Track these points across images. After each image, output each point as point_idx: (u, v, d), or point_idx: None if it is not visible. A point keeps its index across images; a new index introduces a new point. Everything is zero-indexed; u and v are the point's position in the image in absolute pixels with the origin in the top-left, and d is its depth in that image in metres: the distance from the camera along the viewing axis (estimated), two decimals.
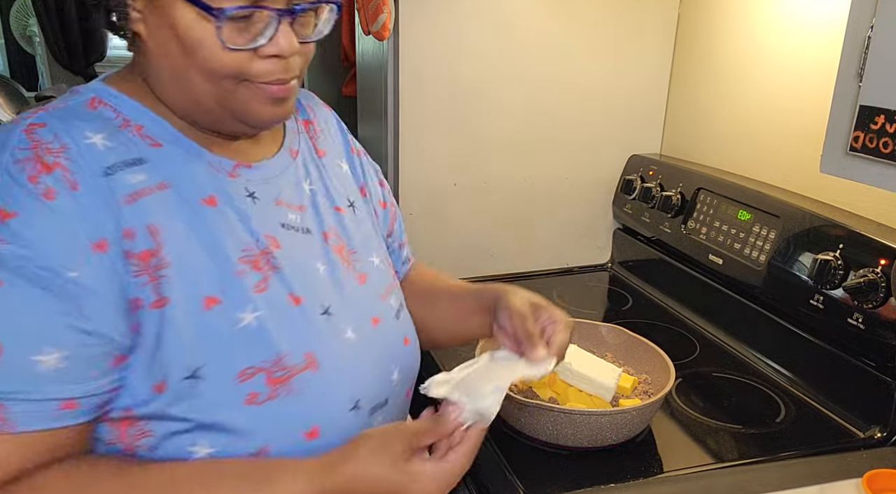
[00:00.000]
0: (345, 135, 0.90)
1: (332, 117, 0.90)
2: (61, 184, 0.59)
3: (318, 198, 0.77)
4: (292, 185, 0.75)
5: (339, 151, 0.86)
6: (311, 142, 0.82)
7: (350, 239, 0.79)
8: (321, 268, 0.73)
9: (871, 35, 0.71)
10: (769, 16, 1.26)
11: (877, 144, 0.72)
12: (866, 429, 0.98)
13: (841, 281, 0.99)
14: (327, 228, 0.76)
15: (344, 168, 0.85)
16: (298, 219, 0.73)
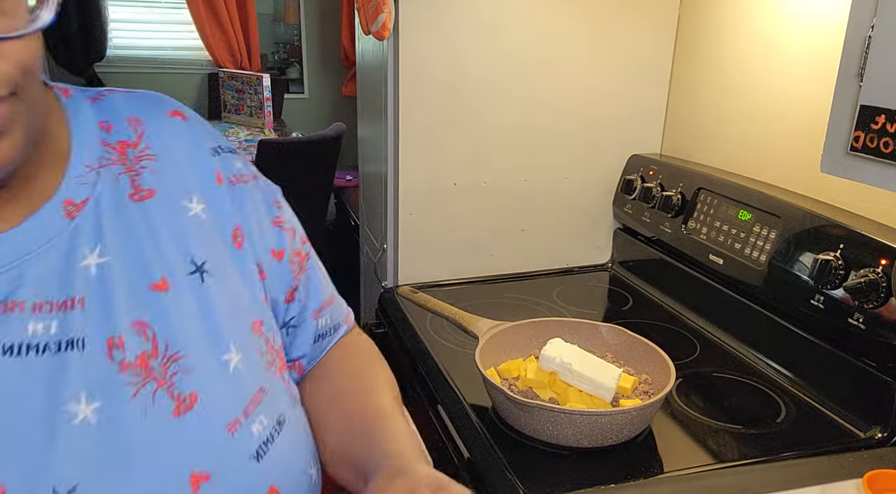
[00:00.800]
0: (206, 157, 0.59)
1: (186, 130, 0.59)
2: None
3: (115, 278, 0.49)
4: (55, 267, 0.48)
5: (191, 184, 0.56)
6: (126, 177, 0.54)
7: (172, 334, 0.50)
8: (80, 415, 0.46)
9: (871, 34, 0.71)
10: (769, 15, 1.26)
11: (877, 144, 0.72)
12: (867, 429, 0.98)
13: (841, 281, 0.99)
14: (121, 328, 0.48)
15: (194, 210, 0.55)
16: (54, 326, 0.46)
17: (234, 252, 0.57)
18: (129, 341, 0.48)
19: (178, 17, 3.84)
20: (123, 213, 0.52)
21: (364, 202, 1.83)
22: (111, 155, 0.54)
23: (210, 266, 0.54)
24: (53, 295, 0.47)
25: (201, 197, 0.57)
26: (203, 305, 0.52)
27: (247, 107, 3.49)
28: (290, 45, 4.27)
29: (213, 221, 0.57)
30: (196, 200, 0.56)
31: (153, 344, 0.49)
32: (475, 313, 1.12)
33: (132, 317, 0.49)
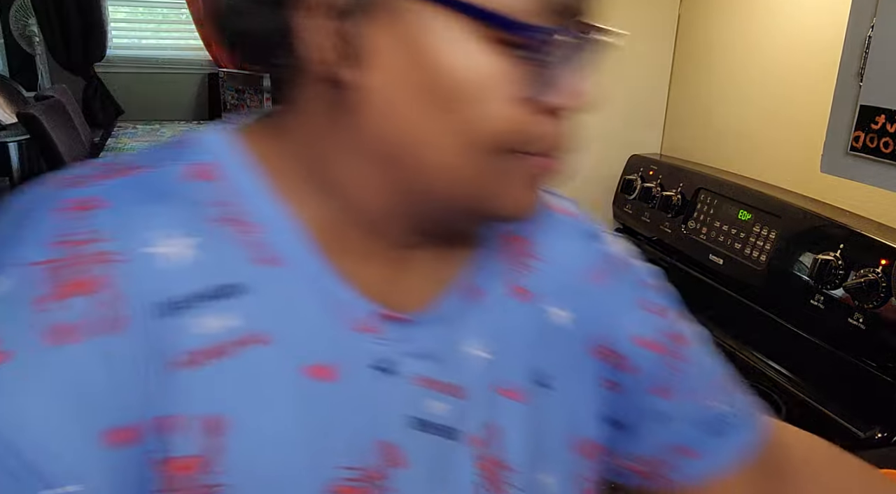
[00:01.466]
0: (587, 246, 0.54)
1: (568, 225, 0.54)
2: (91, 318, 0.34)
3: (488, 374, 0.46)
4: (452, 349, 0.45)
5: (567, 287, 0.51)
6: (512, 273, 0.50)
7: (511, 446, 0.46)
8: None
9: (871, 35, 0.71)
10: (770, 15, 1.26)
11: (877, 144, 0.72)
12: (867, 429, 0.97)
13: (841, 281, 0.99)
14: (481, 428, 0.45)
15: (563, 318, 0.50)
16: (447, 411, 0.44)
17: (588, 361, 0.51)
18: (479, 443, 0.45)
19: (178, 16, 3.85)
20: (506, 309, 0.48)
21: None
22: (504, 245, 0.50)
23: (558, 380, 0.50)
24: (447, 377, 0.44)
25: (576, 304, 0.51)
26: (539, 421, 0.48)
27: (247, 107, 3.49)
28: None
29: (582, 330, 0.51)
30: (565, 309, 0.51)
31: (493, 450, 0.46)
32: None
33: (487, 417, 0.45)
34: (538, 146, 0.40)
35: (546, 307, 0.50)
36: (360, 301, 0.41)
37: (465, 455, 0.44)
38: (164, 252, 0.36)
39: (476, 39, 0.35)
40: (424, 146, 0.38)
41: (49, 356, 0.33)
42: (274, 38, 0.37)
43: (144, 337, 0.34)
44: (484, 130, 0.37)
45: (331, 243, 0.41)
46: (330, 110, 0.39)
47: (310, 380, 0.39)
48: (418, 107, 0.37)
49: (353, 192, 0.41)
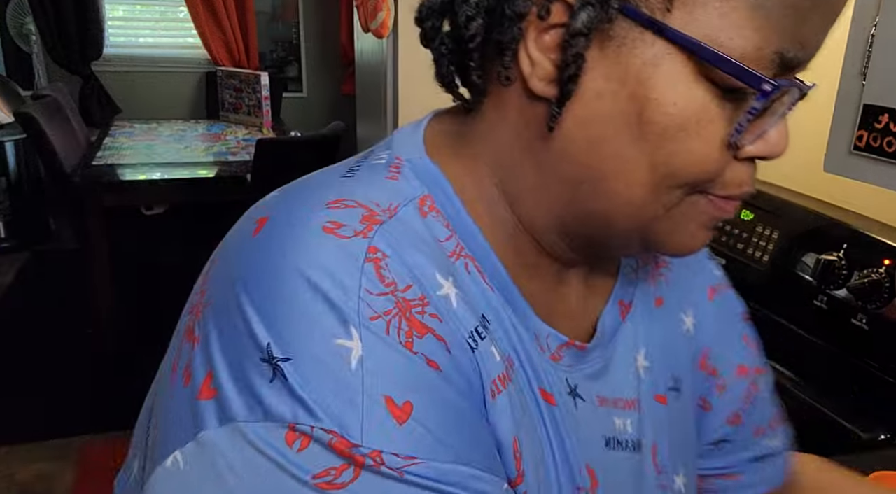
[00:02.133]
0: (703, 268, 0.57)
1: None
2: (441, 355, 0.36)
3: (651, 382, 0.49)
4: (619, 365, 0.47)
5: (689, 295, 0.54)
6: (649, 282, 0.52)
7: (663, 448, 0.49)
8: None
9: (874, 34, 0.70)
10: None
11: (881, 143, 0.71)
12: (870, 431, 0.97)
13: (845, 281, 0.98)
14: (656, 436, 0.48)
15: (687, 324, 0.53)
16: (628, 425, 0.46)
17: (693, 374, 0.54)
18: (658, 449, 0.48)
19: (176, 14, 3.84)
20: (651, 318, 0.51)
21: None
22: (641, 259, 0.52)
23: (684, 384, 0.52)
24: (623, 392, 0.47)
25: (691, 312, 0.54)
26: (675, 423, 0.51)
27: (245, 105, 3.49)
28: (288, 44, 4.26)
29: (691, 340, 0.54)
30: (689, 314, 0.54)
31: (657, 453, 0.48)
32: None
33: (654, 424, 0.48)
34: (725, 190, 0.40)
35: (677, 312, 0.53)
36: (549, 329, 0.43)
37: (648, 464, 0.47)
38: (446, 293, 0.38)
39: (700, 80, 0.36)
40: (619, 175, 0.38)
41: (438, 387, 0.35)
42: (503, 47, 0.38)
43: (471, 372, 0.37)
44: (682, 169, 0.37)
45: (513, 267, 0.42)
46: (525, 127, 0.40)
47: (545, 403, 0.41)
48: (622, 135, 0.37)
49: (533, 210, 0.42)
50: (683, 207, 0.39)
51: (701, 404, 0.55)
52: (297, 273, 0.34)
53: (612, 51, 0.36)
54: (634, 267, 0.51)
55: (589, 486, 0.42)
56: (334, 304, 0.34)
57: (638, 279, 0.51)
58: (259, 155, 2.40)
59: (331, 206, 0.37)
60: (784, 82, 0.36)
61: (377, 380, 0.33)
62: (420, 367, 0.34)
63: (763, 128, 0.39)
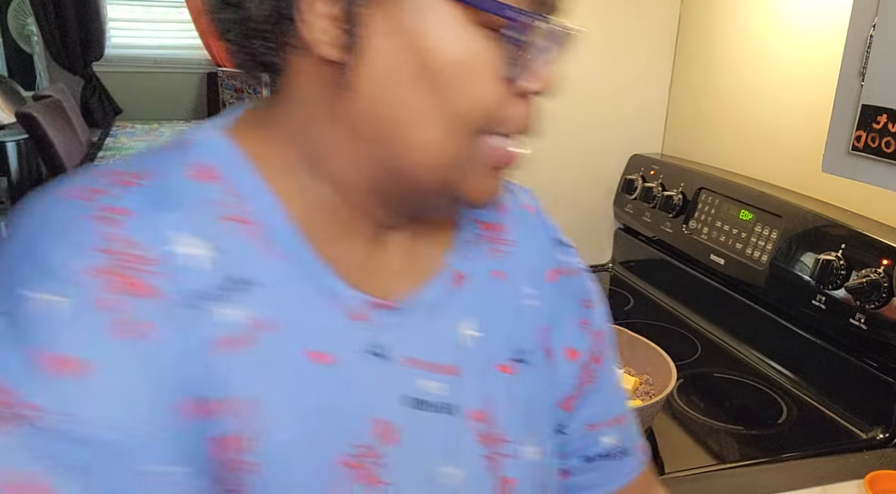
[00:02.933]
0: (547, 250, 0.59)
1: (535, 221, 0.60)
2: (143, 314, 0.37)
3: (481, 352, 0.50)
4: (443, 332, 0.49)
5: (532, 273, 0.56)
6: (489, 253, 0.54)
7: (504, 418, 0.50)
8: (450, 477, 0.47)
9: (873, 34, 0.71)
10: (771, 15, 1.25)
11: (879, 144, 0.71)
12: (869, 430, 0.97)
13: (843, 281, 0.99)
14: (478, 404, 0.49)
15: (530, 301, 0.55)
16: (440, 389, 0.47)
17: (542, 350, 0.56)
18: (476, 417, 0.49)
19: (177, 15, 3.84)
20: (489, 290, 0.52)
21: None
22: (483, 232, 0.55)
23: (531, 358, 0.54)
24: (440, 358, 0.48)
25: (536, 288, 0.56)
26: (521, 395, 0.52)
27: None
28: None
29: (537, 316, 0.55)
30: (534, 287, 0.56)
31: (491, 424, 0.49)
32: None
33: (486, 392, 0.49)
34: (508, 127, 0.43)
35: (521, 287, 0.55)
36: (351, 291, 0.45)
37: (466, 429, 0.48)
38: (187, 252, 0.39)
39: (465, 23, 0.39)
40: (412, 124, 0.41)
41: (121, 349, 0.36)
42: (273, 21, 0.40)
43: (189, 327, 0.38)
44: (467, 108, 0.40)
45: (317, 231, 0.44)
46: (322, 92, 0.42)
47: (313, 364, 0.42)
48: (409, 86, 0.40)
49: (340, 173, 0.44)
50: (474, 152, 0.43)
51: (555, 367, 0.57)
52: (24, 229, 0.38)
53: (387, 8, 0.39)
54: (475, 240, 0.54)
55: (375, 442, 0.44)
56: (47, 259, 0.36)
57: (477, 251, 0.53)
58: None
59: (89, 176, 0.40)
60: (535, 14, 0.40)
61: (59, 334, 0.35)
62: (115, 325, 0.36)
63: (533, 64, 0.42)
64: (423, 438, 0.46)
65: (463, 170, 0.43)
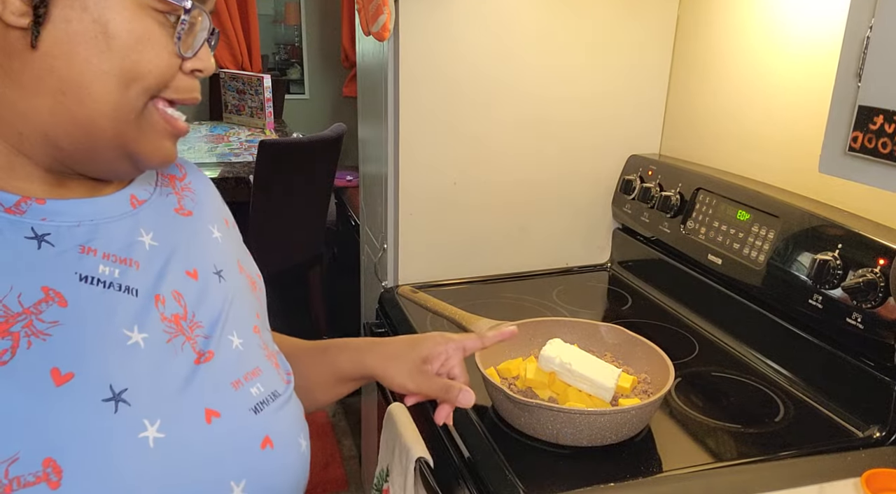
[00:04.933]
0: (221, 205, 0.77)
1: (208, 182, 0.77)
2: None
3: (162, 258, 0.62)
4: (121, 235, 0.59)
5: (213, 217, 0.72)
6: (173, 197, 0.68)
7: (197, 309, 0.62)
8: (132, 338, 0.56)
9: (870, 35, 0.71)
10: (767, 16, 1.26)
11: (875, 144, 0.72)
12: (865, 429, 0.98)
13: (840, 280, 0.99)
14: (164, 291, 0.60)
15: (216, 234, 0.70)
16: (118, 273, 0.57)
17: (238, 273, 0.71)
18: (167, 302, 0.60)
19: None
20: (169, 220, 0.65)
21: (364, 202, 1.83)
22: (164, 181, 0.69)
23: (226, 274, 0.68)
24: (119, 252, 0.58)
25: (220, 228, 0.72)
26: (218, 297, 0.65)
27: (247, 107, 3.50)
28: (290, 46, 4.27)
29: (226, 247, 0.71)
30: (216, 229, 0.71)
31: (184, 310, 0.61)
32: (475, 313, 1.12)
33: (171, 288, 0.61)
34: (177, 95, 0.56)
35: (206, 224, 0.70)
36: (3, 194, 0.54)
37: (142, 304, 0.58)
38: None
39: (141, 5, 0.52)
40: (94, 81, 0.51)
41: None
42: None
43: None
44: (144, 74, 0.52)
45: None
46: (9, 52, 0.50)
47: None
48: (94, 50, 0.51)
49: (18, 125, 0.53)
50: (147, 116, 0.55)
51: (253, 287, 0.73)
52: None
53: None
54: (151, 182, 0.66)
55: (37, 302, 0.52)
56: None
57: (155, 190, 0.66)
58: (261, 156, 2.41)
59: None
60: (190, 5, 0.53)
61: None
62: None
63: (196, 48, 0.56)
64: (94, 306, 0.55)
65: (139, 129, 0.55)
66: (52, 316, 0.52)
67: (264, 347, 0.69)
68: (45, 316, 0.52)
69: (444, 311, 1.14)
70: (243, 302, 0.69)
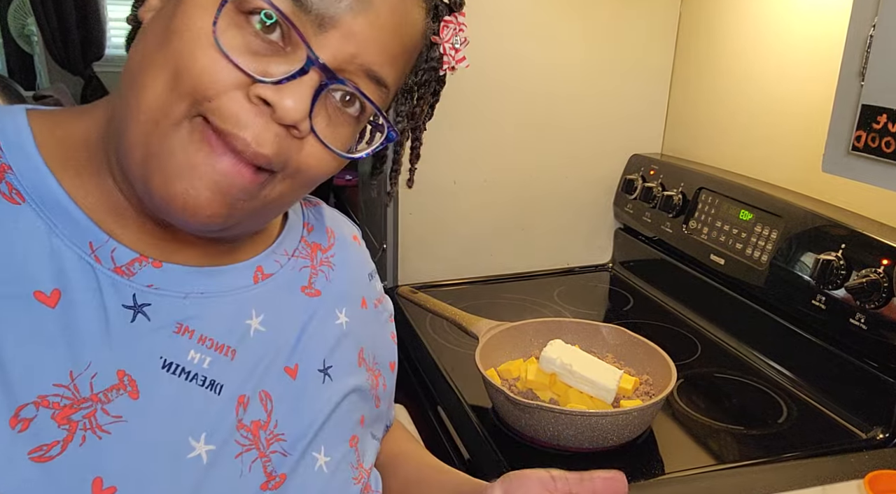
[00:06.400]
0: (364, 280, 0.66)
1: (355, 251, 0.66)
2: None
3: (264, 348, 0.53)
4: (228, 314, 0.51)
5: (344, 296, 0.62)
6: (307, 271, 0.59)
7: (284, 417, 0.53)
8: (196, 450, 0.47)
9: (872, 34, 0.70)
10: (770, 14, 1.25)
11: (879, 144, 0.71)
12: (868, 430, 0.97)
13: (843, 281, 0.99)
14: (251, 391, 0.51)
15: (340, 320, 0.60)
16: (208, 362, 0.49)
17: (356, 370, 0.61)
18: (252, 404, 0.51)
19: None
20: (290, 299, 0.57)
21: (364, 202, 1.83)
22: (304, 251, 0.60)
23: (334, 372, 0.58)
24: (218, 337, 0.50)
25: (349, 311, 0.62)
26: (315, 403, 0.56)
27: None
28: None
29: (351, 337, 0.61)
30: (345, 313, 0.61)
31: (268, 417, 0.52)
32: (475, 313, 1.11)
33: (262, 386, 0.52)
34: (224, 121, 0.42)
35: (332, 307, 0.60)
36: (119, 246, 0.47)
37: (222, 406, 0.49)
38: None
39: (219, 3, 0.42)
40: (143, 72, 0.43)
41: None
42: None
43: None
44: (187, 69, 0.42)
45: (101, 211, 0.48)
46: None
47: (35, 304, 0.44)
48: (156, 42, 0.43)
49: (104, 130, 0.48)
50: (184, 132, 0.43)
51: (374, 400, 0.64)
52: None
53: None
54: (289, 254, 0.58)
55: (108, 388, 0.45)
56: None
57: (288, 263, 0.58)
58: None
59: None
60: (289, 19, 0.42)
61: None
62: None
63: (266, 63, 0.43)
64: (168, 403, 0.47)
65: (166, 143, 0.43)
66: (118, 409, 0.45)
67: (357, 466, 0.59)
68: (112, 408, 0.44)
69: (444, 312, 1.13)
70: (349, 407, 0.59)
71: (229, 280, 0.52)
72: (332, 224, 0.66)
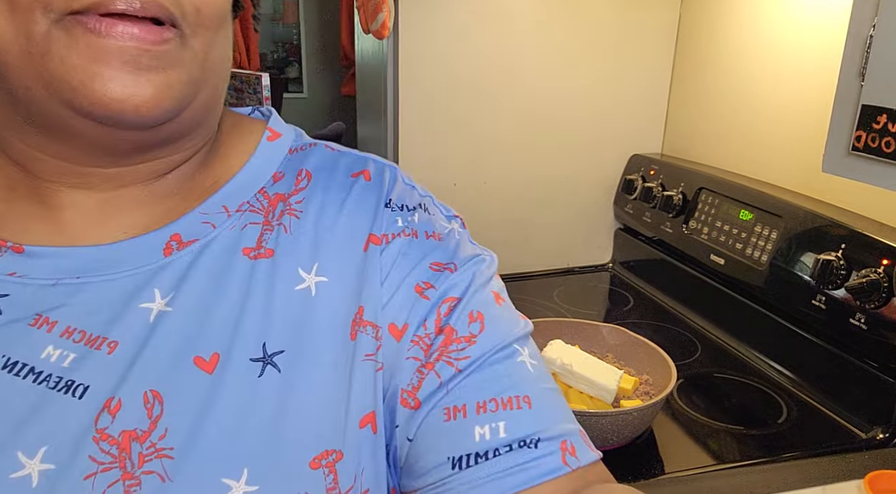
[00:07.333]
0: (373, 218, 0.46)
1: (363, 190, 0.47)
2: None
3: (166, 333, 0.40)
4: (110, 300, 0.40)
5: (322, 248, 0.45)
6: (254, 229, 0.44)
7: (181, 425, 0.38)
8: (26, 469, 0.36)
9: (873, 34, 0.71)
10: (770, 15, 1.25)
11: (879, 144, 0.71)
12: (868, 430, 0.97)
13: (843, 281, 0.99)
14: (129, 392, 0.38)
15: (305, 283, 0.43)
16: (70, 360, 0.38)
17: (346, 344, 0.43)
18: (127, 409, 0.38)
19: None
20: (222, 267, 0.42)
21: None
22: (260, 204, 0.45)
23: (288, 359, 0.41)
24: (92, 327, 0.39)
25: (331, 266, 0.44)
26: (240, 402, 0.40)
27: (246, 105, 3.49)
28: (289, 45, 4.26)
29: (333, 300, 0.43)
30: (319, 270, 0.44)
31: (151, 425, 0.38)
32: None
33: (152, 385, 0.39)
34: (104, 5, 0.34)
35: (293, 267, 0.44)
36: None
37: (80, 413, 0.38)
38: None
39: None
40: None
41: None
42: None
43: None
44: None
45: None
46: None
47: None
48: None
49: None
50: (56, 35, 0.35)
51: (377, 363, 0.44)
52: None
53: None
54: (231, 211, 0.45)
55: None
56: None
57: (226, 224, 0.44)
58: None
59: None
60: None
61: None
62: None
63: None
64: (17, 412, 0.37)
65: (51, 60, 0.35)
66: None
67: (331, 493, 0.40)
68: None
69: None
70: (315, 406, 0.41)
71: (125, 256, 0.41)
72: (316, 165, 0.48)
